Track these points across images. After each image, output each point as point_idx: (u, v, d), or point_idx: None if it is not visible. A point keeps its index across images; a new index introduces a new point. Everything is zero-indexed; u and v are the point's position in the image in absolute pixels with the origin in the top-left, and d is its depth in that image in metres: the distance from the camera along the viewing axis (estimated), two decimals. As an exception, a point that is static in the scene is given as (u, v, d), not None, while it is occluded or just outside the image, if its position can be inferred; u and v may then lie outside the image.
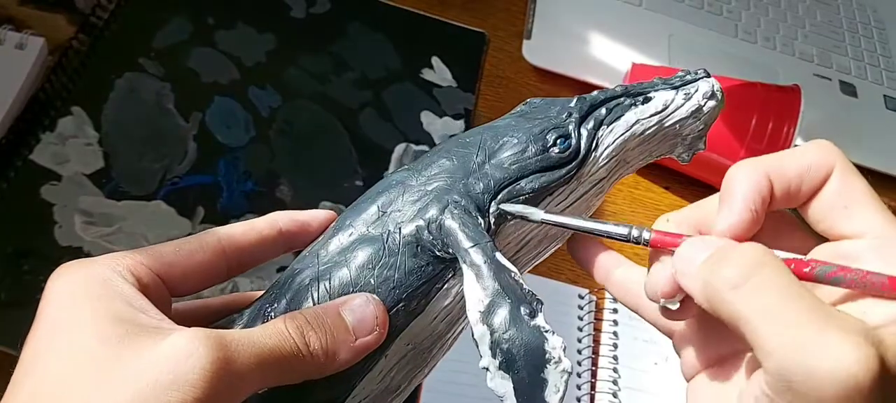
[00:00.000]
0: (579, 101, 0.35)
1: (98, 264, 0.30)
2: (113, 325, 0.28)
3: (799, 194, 0.31)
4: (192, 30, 0.75)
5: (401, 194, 0.34)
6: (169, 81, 0.71)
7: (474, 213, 0.32)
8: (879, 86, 0.93)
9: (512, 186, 0.33)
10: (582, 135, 0.34)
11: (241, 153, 0.68)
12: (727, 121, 0.72)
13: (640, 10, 0.91)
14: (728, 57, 0.89)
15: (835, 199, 0.31)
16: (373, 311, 0.32)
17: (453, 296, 0.34)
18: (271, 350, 0.29)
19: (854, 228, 0.30)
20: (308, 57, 0.76)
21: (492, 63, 0.83)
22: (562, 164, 0.34)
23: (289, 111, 0.72)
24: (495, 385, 0.28)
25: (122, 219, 0.62)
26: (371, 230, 0.33)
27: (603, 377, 0.63)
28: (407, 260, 0.33)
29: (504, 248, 0.35)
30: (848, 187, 0.31)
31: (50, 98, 0.67)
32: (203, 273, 0.33)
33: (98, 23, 0.73)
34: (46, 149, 0.64)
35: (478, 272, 0.30)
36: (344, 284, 0.33)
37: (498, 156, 0.34)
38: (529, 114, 0.36)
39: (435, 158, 0.35)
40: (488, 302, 0.29)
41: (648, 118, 0.35)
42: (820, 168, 0.31)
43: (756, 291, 0.27)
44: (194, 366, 0.26)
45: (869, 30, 0.99)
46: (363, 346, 0.32)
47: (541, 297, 0.30)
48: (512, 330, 0.29)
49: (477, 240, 0.31)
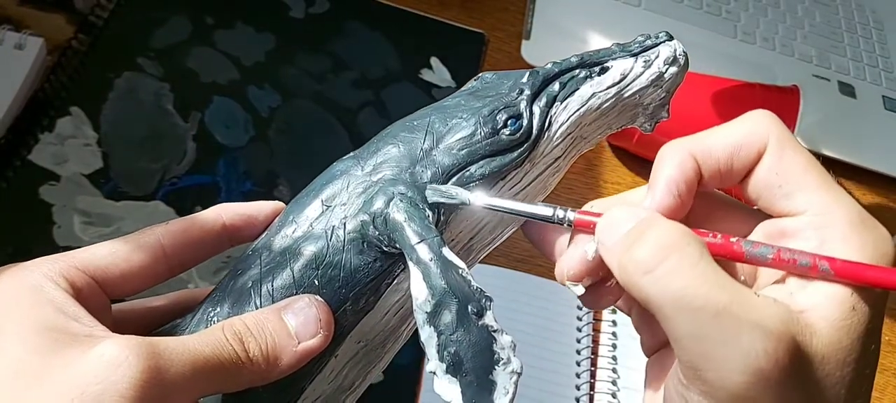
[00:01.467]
0: (531, 76, 0.33)
1: (28, 270, 0.29)
2: (40, 335, 0.27)
3: (731, 174, 0.30)
4: (191, 30, 0.75)
5: (345, 186, 0.32)
6: (168, 81, 0.71)
7: (422, 205, 0.30)
8: (878, 86, 0.93)
9: (461, 173, 0.31)
10: (534, 114, 0.32)
11: (241, 153, 0.68)
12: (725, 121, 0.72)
13: (639, 11, 0.91)
14: (727, 57, 0.89)
15: (769, 177, 0.29)
16: (316, 314, 0.30)
17: (404, 291, 0.33)
18: (208, 359, 0.27)
19: (792, 205, 0.29)
20: (307, 57, 0.76)
21: (491, 63, 0.83)
22: (513, 147, 0.32)
23: (288, 111, 0.72)
24: (442, 389, 0.27)
25: (121, 220, 0.62)
26: (314, 226, 0.32)
27: (602, 377, 0.63)
28: (352, 257, 0.31)
29: (456, 237, 0.33)
30: (783, 163, 0.29)
31: (49, 98, 0.67)
32: (142, 274, 0.32)
33: (97, 23, 0.73)
34: (45, 150, 0.64)
35: (425, 270, 0.29)
36: (287, 286, 0.31)
37: (446, 140, 0.32)
38: (480, 92, 0.33)
39: (381, 145, 0.33)
40: (434, 303, 0.28)
41: (605, 90, 0.33)
42: (751, 145, 0.29)
43: (667, 276, 0.26)
44: (124, 375, 0.25)
45: (868, 30, 0.99)
46: (306, 350, 0.30)
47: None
48: (459, 331, 0.28)
49: (423, 236, 0.29)
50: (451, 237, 0.33)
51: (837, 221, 0.28)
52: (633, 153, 0.78)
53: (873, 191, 0.84)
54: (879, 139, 0.88)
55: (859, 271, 0.27)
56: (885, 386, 0.71)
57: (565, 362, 0.63)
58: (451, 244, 0.32)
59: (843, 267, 0.27)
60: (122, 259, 0.31)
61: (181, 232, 0.33)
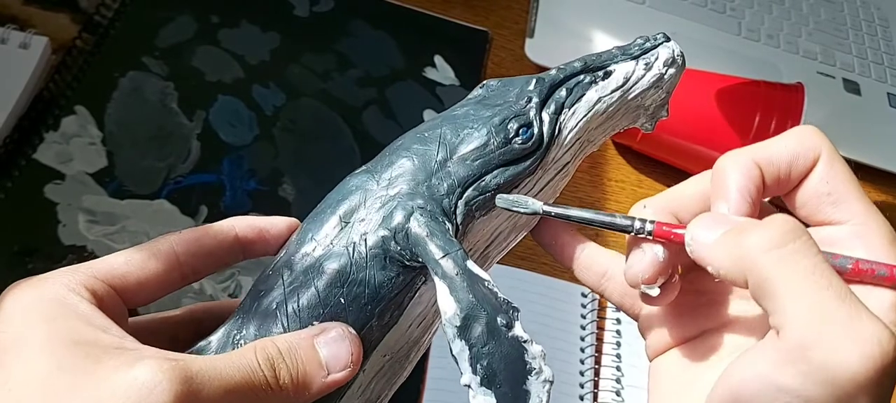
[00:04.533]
0: (538, 84, 0.33)
1: (50, 282, 0.29)
2: (70, 349, 0.26)
3: (788, 181, 0.32)
4: (196, 28, 0.75)
5: (362, 201, 0.32)
6: (173, 80, 0.71)
7: (441, 219, 0.31)
8: (883, 83, 0.93)
9: (477, 183, 0.32)
10: (544, 122, 0.32)
11: (245, 152, 0.68)
12: (730, 120, 0.72)
13: (644, 8, 0.91)
14: (731, 55, 0.89)
15: (820, 186, 0.31)
16: (348, 348, 0.30)
17: (426, 302, 0.33)
18: (238, 383, 0.27)
19: (838, 215, 0.31)
20: (311, 55, 0.76)
21: (494, 61, 0.83)
22: (526, 156, 0.32)
23: (292, 109, 0.72)
24: (479, 401, 0.28)
25: (126, 218, 0.62)
26: (335, 244, 0.32)
27: (606, 375, 0.63)
28: (376, 273, 0.31)
29: (474, 245, 0.34)
30: (832, 174, 0.31)
31: (54, 97, 0.67)
32: (157, 282, 0.32)
33: (102, 22, 0.73)
34: (50, 148, 0.64)
35: (451, 284, 0.29)
36: (313, 305, 0.31)
37: (459, 151, 0.32)
38: (487, 100, 0.34)
39: (394, 158, 0.33)
40: (464, 317, 0.28)
41: (610, 94, 0.33)
42: (807, 155, 0.31)
43: (796, 254, 0.27)
44: (161, 395, 0.25)
45: (873, 27, 0.99)
46: (334, 382, 0.30)
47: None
48: (491, 344, 0.28)
49: (447, 250, 0.30)
50: (469, 246, 0.34)
51: (876, 231, 0.30)
52: (636, 151, 0.78)
53: (878, 188, 0.84)
54: (884, 136, 0.87)
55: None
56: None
57: (569, 360, 0.63)
58: (469, 253, 0.32)
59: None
60: (138, 267, 0.31)
61: (194, 241, 0.33)
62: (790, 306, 0.26)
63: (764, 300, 0.27)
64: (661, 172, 0.79)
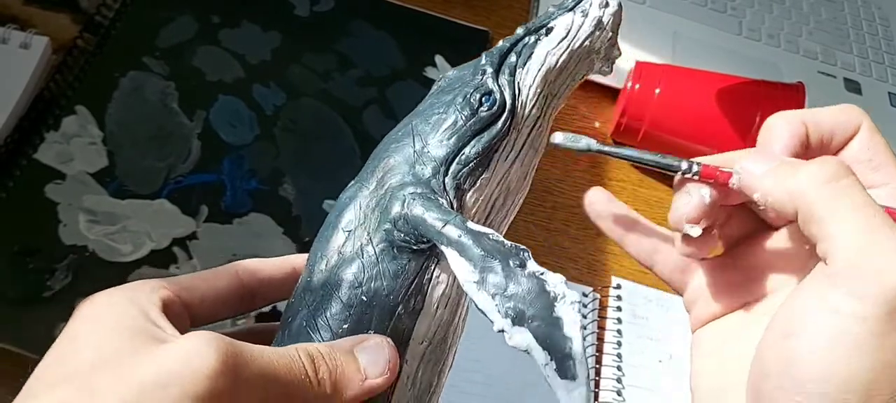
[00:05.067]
0: (488, 57, 0.35)
1: (125, 287, 0.31)
2: (120, 334, 0.28)
3: (831, 145, 0.34)
4: (196, 28, 0.75)
5: (359, 208, 0.34)
6: (173, 80, 0.71)
7: (434, 197, 0.32)
8: (884, 83, 0.92)
9: (457, 157, 0.33)
10: (503, 86, 0.34)
11: (246, 151, 0.68)
12: (731, 119, 0.72)
13: (645, 8, 0.91)
14: (732, 54, 0.89)
15: (862, 151, 0.33)
16: (386, 355, 0.32)
17: (446, 282, 0.34)
18: (277, 370, 0.29)
19: (878, 178, 0.33)
20: (312, 55, 0.76)
21: (495, 61, 0.83)
22: (495, 120, 0.34)
23: (293, 109, 0.72)
24: (516, 341, 0.29)
25: (126, 218, 0.62)
26: (344, 252, 0.33)
27: (607, 375, 0.63)
28: (389, 265, 0.32)
29: (474, 217, 0.35)
30: (873, 143, 0.34)
31: (54, 97, 0.67)
32: (221, 300, 0.34)
33: (102, 22, 0.73)
34: (51, 148, 0.64)
35: (459, 247, 0.30)
36: (338, 312, 0.32)
37: (433, 136, 0.34)
38: (447, 88, 0.35)
39: (376, 162, 0.35)
40: (479, 270, 0.30)
41: (557, 46, 0.35)
42: (850, 123, 0.34)
43: (845, 189, 0.29)
44: (203, 363, 0.26)
45: (873, 27, 0.99)
46: (371, 388, 0.32)
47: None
48: (511, 286, 0.29)
49: (446, 219, 0.31)
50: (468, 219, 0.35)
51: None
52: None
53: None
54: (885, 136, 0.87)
55: None
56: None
57: (570, 360, 0.63)
58: None
59: None
60: (203, 281, 0.34)
61: (255, 269, 0.36)
62: (841, 231, 0.28)
63: (813, 226, 0.29)
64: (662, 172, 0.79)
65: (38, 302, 0.57)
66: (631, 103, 0.74)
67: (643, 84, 0.74)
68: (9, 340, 0.55)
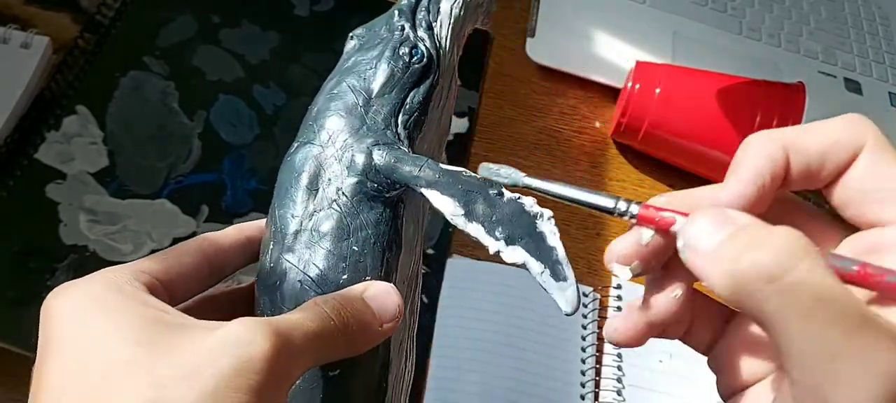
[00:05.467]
0: (401, 15, 0.37)
1: (100, 277, 0.29)
2: (143, 328, 0.27)
3: (821, 174, 0.27)
4: (196, 28, 0.75)
5: (319, 165, 0.34)
6: (173, 80, 0.71)
7: (396, 145, 0.34)
8: (884, 83, 0.92)
9: (404, 107, 0.35)
10: (424, 39, 0.37)
11: (246, 151, 0.69)
12: (731, 119, 0.72)
13: (644, 8, 0.91)
14: (732, 54, 0.89)
15: (864, 181, 0.27)
16: (394, 299, 0.32)
17: (413, 221, 0.36)
18: (317, 332, 0.29)
19: (888, 214, 0.26)
20: (312, 55, 0.76)
21: (495, 61, 0.83)
22: (426, 70, 0.36)
23: (293, 109, 0.72)
24: (512, 258, 0.31)
25: (127, 218, 0.62)
26: (318, 209, 0.34)
27: (607, 375, 0.63)
28: (368, 215, 0.34)
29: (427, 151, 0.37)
30: (880, 167, 0.26)
31: (55, 97, 0.67)
32: (194, 275, 0.33)
33: (103, 21, 0.73)
34: (51, 148, 0.65)
35: (440, 187, 0.33)
36: (333, 264, 0.33)
37: (373, 90, 0.35)
38: (364, 47, 0.38)
39: (320, 122, 0.35)
40: (464, 204, 0.32)
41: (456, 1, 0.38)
42: (846, 145, 0.27)
43: (799, 285, 0.23)
44: (255, 353, 0.26)
45: (874, 26, 0.99)
46: (386, 332, 0.32)
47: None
48: (496, 213, 0.32)
49: (419, 163, 0.33)
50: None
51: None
52: (637, 150, 0.78)
53: None
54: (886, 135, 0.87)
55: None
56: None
57: (570, 359, 0.63)
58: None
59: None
60: (175, 261, 0.32)
61: (216, 239, 0.35)
62: (794, 352, 0.23)
63: (768, 334, 0.24)
64: (662, 172, 0.79)
65: (38, 302, 0.57)
66: (631, 103, 0.74)
67: (643, 84, 0.74)
68: (9, 340, 0.55)
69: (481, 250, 0.32)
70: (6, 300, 0.57)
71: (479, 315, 0.63)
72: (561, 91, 0.82)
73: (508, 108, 0.80)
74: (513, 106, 0.80)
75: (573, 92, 0.83)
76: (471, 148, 0.75)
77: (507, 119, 0.79)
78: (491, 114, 0.78)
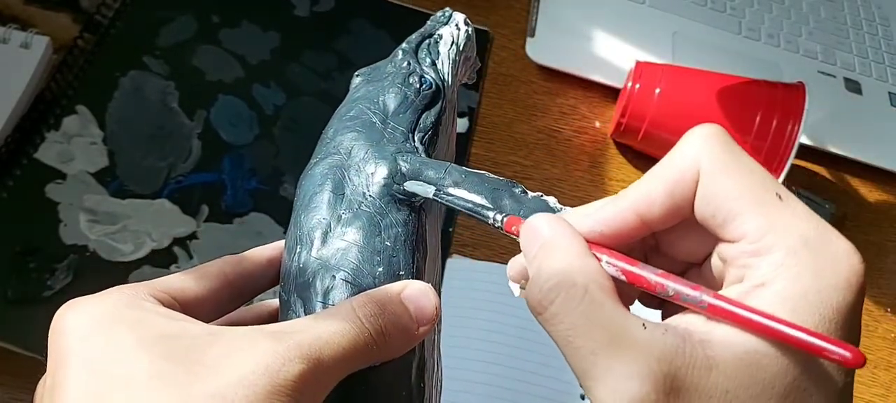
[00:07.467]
0: (405, 55, 0.39)
1: (115, 293, 0.28)
2: (165, 343, 0.26)
3: (680, 213, 0.28)
4: (196, 28, 0.75)
5: (342, 175, 0.35)
6: (173, 80, 0.71)
7: (416, 153, 0.36)
8: (884, 83, 0.93)
9: (418, 125, 0.37)
10: (430, 73, 0.39)
11: (246, 151, 0.69)
12: (731, 119, 0.72)
13: (644, 8, 0.91)
14: (732, 54, 0.89)
15: (702, 207, 0.27)
16: (431, 300, 0.31)
17: (434, 234, 0.37)
18: (347, 349, 0.28)
19: (732, 233, 0.26)
20: (312, 55, 0.76)
21: (495, 61, 0.83)
22: (435, 96, 0.38)
23: (293, 109, 0.72)
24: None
25: (127, 217, 0.62)
26: (346, 211, 0.34)
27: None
28: (396, 215, 0.35)
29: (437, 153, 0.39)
30: (712, 190, 0.27)
31: (55, 97, 0.67)
32: (213, 299, 0.32)
33: (103, 21, 0.73)
34: (51, 148, 0.65)
35: (467, 186, 0.34)
36: (369, 258, 0.33)
37: (389, 110, 0.37)
38: (370, 82, 0.39)
39: (339, 141, 0.37)
40: (492, 200, 0.34)
41: (452, 46, 0.41)
42: (685, 178, 0.27)
43: (553, 319, 0.27)
44: (289, 379, 0.25)
45: (874, 26, 0.99)
46: (423, 334, 0.31)
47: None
48: (523, 209, 0.33)
49: (444, 166, 0.35)
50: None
51: (776, 247, 0.25)
52: (637, 150, 0.78)
53: (879, 188, 0.84)
54: (885, 135, 0.87)
55: (732, 314, 0.25)
56: (891, 384, 0.71)
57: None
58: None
59: (717, 308, 0.25)
60: (194, 283, 0.31)
61: (238, 263, 0.34)
62: (571, 367, 0.27)
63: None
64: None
65: (38, 302, 0.57)
66: (631, 103, 0.74)
67: (643, 84, 0.74)
68: (9, 340, 0.55)
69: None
70: (6, 300, 0.57)
71: (479, 315, 0.63)
72: (561, 91, 0.83)
73: (508, 108, 0.80)
74: (513, 106, 0.80)
75: (573, 92, 0.83)
76: (471, 148, 0.75)
77: (507, 119, 0.79)
78: (491, 114, 0.78)
